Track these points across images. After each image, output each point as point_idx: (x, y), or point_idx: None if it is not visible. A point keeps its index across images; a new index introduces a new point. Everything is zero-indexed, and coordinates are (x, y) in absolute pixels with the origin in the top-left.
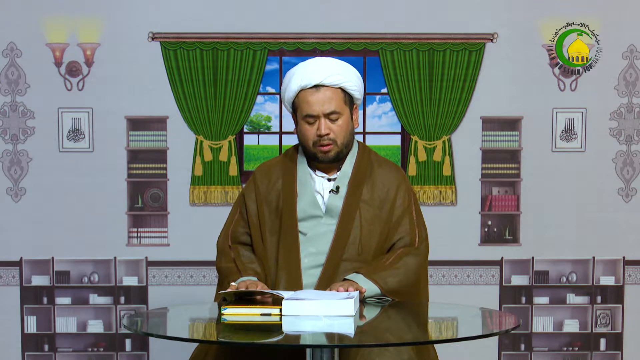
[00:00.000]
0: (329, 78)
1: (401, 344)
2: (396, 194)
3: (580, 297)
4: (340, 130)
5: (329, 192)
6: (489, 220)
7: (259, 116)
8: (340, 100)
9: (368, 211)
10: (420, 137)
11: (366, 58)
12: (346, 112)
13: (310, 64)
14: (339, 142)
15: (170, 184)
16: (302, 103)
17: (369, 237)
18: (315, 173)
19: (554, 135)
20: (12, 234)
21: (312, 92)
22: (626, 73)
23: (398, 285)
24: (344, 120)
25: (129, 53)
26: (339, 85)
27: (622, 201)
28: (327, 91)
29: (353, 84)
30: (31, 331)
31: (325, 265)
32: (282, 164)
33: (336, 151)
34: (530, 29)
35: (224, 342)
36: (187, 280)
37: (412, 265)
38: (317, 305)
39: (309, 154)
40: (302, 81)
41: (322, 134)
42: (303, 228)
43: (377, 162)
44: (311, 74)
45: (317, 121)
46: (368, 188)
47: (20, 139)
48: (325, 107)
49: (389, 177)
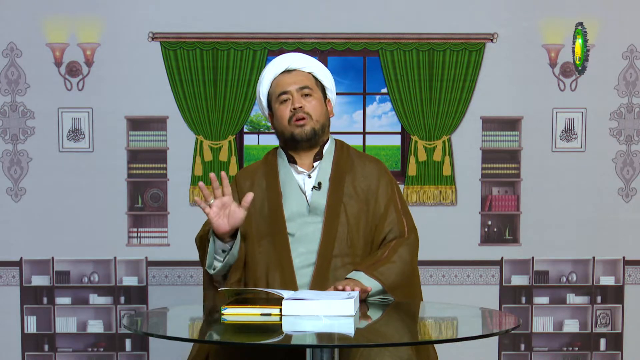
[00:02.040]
0: (298, 62)
1: (401, 344)
2: (378, 186)
3: (580, 297)
4: (313, 108)
5: (311, 189)
6: (489, 220)
7: (259, 116)
8: (312, 81)
9: (353, 206)
10: (420, 137)
11: (366, 58)
12: (318, 95)
13: (280, 56)
14: (314, 118)
15: (170, 184)
16: (275, 87)
17: (357, 231)
18: (297, 169)
19: (554, 135)
20: (12, 234)
21: (283, 75)
22: (626, 73)
23: (398, 279)
24: (317, 100)
25: (129, 53)
26: (309, 70)
27: (622, 201)
28: (299, 73)
29: (322, 73)
30: (31, 331)
31: (317, 264)
32: (264, 166)
33: (311, 126)
34: (530, 29)
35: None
36: (187, 280)
37: (406, 256)
38: (317, 305)
39: (287, 139)
40: (273, 69)
41: (295, 107)
42: (290, 229)
43: (356, 156)
44: (281, 61)
45: (291, 98)
46: (350, 182)
47: (20, 139)
48: (297, 81)
49: (369, 170)
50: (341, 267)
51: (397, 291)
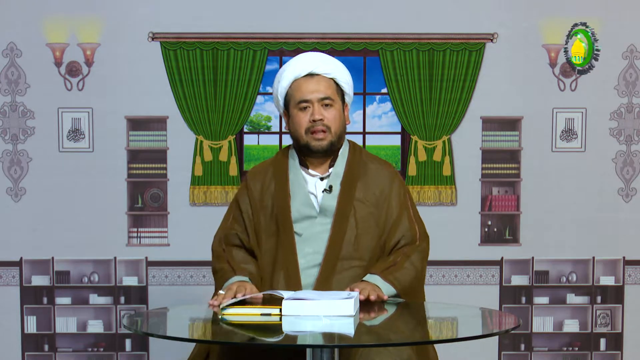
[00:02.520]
0: (321, 66)
1: (401, 344)
2: (390, 192)
3: (580, 297)
4: (333, 119)
5: (322, 191)
6: (489, 220)
7: (259, 116)
8: (333, 89)
9: (362, 209)
10: (420, 137)
11: (366, 58)
12: (338, 104)
13: (303, 55)
14: (333, 130)
15: (170, 184)
16: (295, 91)
17: (365, 235)
18: (308, 171)
19: (554, 135)
20: (12, 234)
21: (305, 80)
22: (626, 73)
23: (410, 285)
24: (337, 110)
25: (129, 53)
26: (331, 75)
27: (622, 201)
28: (321, 80)
29: (344, 79)
30: (31, 331)
31: (323, 265)
32: (274, 166)
33: (330, 140)
34: (530, 29)
35: (224, 342)
36: (187, 280)
37: (417, 263)
38: (317, 305)
39: (301, 146)
40: (295, 70)
41: (316, 119)
42: (298, 229)
43: (368, 159)
44: (305, 64)
45: (311, 107)
46: (361, 186)
47: (20, 139)
48: (320, 91)
49: (381, 175)
50: (346, 269)
51: (406, 297)
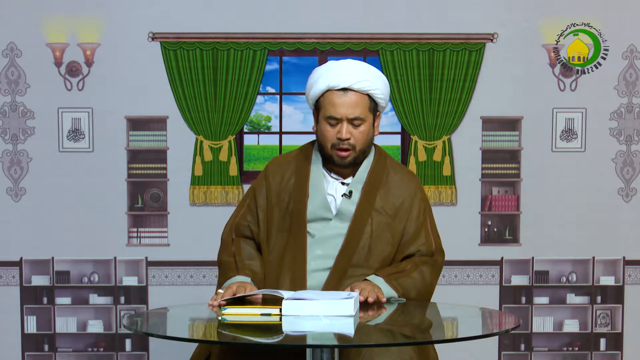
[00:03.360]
0: (358, 83)
1: (401, 344)
2: (412, 205)
3: (580, 297)
4: (360, 137)
5: (341, 195)
6: (489, 220)
7: (259, 116)
8: (365, 106)
9: (379, 219)
10: (420, 137)
11: (366, 58)
12: (369, 120)
13: (342, 66)
14: (358, 149)
15: (170, 184)
16: (327, 104)
17: (378, 244)
18: (330, 175)
19: (554, 135)
20: (12, 234)
21: (339, 95)
22: (626, 73)
23: (414, 294)
24: (366, 127)
25: (129, 53)
26: (367, 91)
27: (622, 201)
28: (354, 96)
29: (380, 92)
30: (31, 331)
31: (333, 270)
32: (296, 161)
33: (353, 157)
34: (530, 29)
35: (224, 342)
36: (187, 280)
37: (427, 276)
38: (317, 305)
39: (325, 155)
40: (330, 81)
41: (342, 138)
42: (311, 229)
43: (392, 168)
44: (341, 76)
45: (340, 124)
46: (382, 195)
47: (20, 139)
48: (350, 111)
49: (404, 186)
50: (356, 277)
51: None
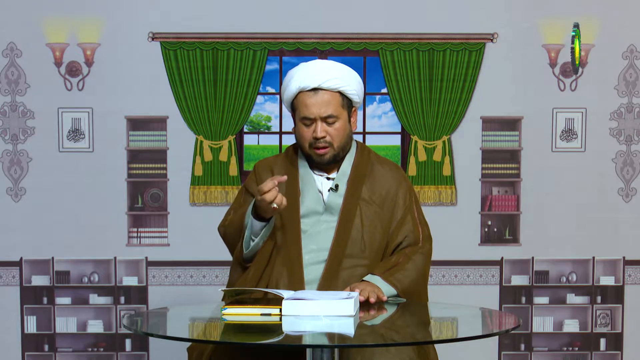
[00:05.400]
0: (327, 82)
1: (401, 344)
2: (397, 194)
3: (580, 297)
4: (336, 134)
5: (328, 190)
6: (489, 220)
7: (259, 116)
8: (337, 104)
9: (368, 209)
10: (420, 137)
11: (366, 58)
12: (344, 116)
13: (310, 66)
14: (335, 145)
15: (170, 184)
16: (300, 105)
17: (371, 233)
18: (314, 172)
19: (554, 135)
20: (12, 234)
21: (310, 95)
22: (626, 73)
23: (411, 286)
24: (341, 124)
25: (129, 53)
26: (338, 89)
27: (622, 201)
28: (325, 94)
29: (352, 88)
30: (31, 331)
31: (328, 262)
32: (284, 162)
33: (332, 154)
34: (530, 29)
35: (224, 342)
36: (187, 280)
37: (420, 264)
38: (317, 305)
39: (305, 154)
40: (301, 83)
41: (318, 137)
42: (303, 225)
43: (377, 161)
44: (310, 77)
45: (314, 124)
46: (368, 186)
47: (20, 139)
48: (322, 110)
49: (389, 176)
50: (352, 267)
51: (408, 297)
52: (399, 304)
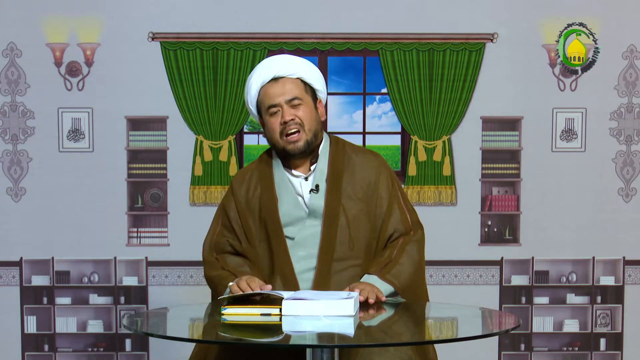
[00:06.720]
0: (284, 68)
1: (401, 344)
2: (378, 182)
3: (580, 297)
4: (304, 115)
5: (309, 192)
6: (489, 220)
7: None
8: (300, 88)
9: (352, 207)
10: (420, 137)
11: (366, 58)
12: (309, 101)
13: (266, 61)
14: (306, 128)
15: (170, 184)
16: (263, 97)
17: (358, 232)
18: (292, 173)
19: (554, 135)
20: (12, 234)
21: (271, 85)
22: (626, 73)
23: (409, 280)
24: (308, 107)
25: (129, 53)
26: (297, 75)
27: (622, 201)
28: (286, 81)
29: (311, 75)
30: (31, 331)
31: (318, 268)
32: (258, 169)
33: (305, 140)
34: (530, 29)
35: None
36: (187, 280)
37: (415, 254)
38: (317, 305)
39: (279, 150)
40: (260, 77)
41: (286, 120)
42: (289, 232)
43: (352, 151)
44: (267, 69)
45: (280, 110)
46: (347, 180)
47: (20, 139)
48: (286, 94)
49: (367, 166)
50: (344, 270)
51: (407, 292)
52: (399, 304)
